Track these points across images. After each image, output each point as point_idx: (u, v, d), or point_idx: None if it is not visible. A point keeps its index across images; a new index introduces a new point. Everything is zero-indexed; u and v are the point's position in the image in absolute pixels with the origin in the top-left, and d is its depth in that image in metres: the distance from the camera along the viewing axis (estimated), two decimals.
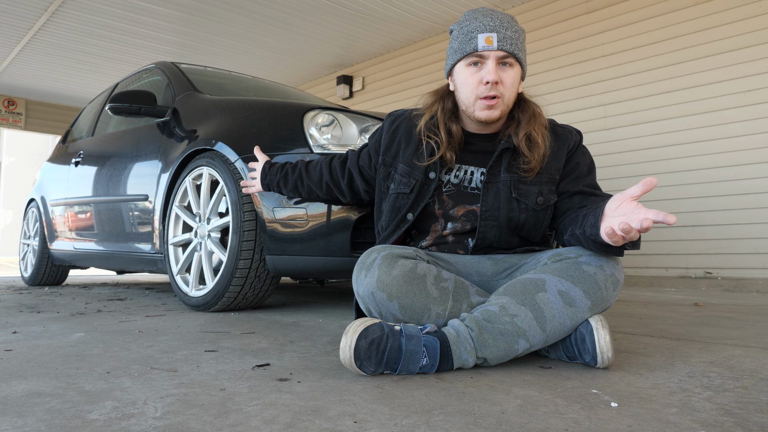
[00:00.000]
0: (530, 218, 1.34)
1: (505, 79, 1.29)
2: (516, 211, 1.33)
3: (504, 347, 1.10)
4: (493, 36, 1.26)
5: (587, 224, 1.16)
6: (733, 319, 2.02)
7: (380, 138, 1.48)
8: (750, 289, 3.54)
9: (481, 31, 1.27)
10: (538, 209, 1.34)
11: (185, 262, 2.27)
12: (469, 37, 1.29)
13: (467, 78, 1.31)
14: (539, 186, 1.34)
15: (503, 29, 1.27)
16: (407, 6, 5.08)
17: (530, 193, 1.33)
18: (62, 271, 3.87)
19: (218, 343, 1.43)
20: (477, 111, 1.31)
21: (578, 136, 1.41)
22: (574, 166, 1.38)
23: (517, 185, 1.33)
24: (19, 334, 1.60)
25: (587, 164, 1.40)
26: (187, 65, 3.08)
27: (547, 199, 1.34)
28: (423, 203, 1.37)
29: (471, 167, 1.39)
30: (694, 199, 3.90)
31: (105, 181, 2.97)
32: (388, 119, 1.50)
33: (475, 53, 1.28)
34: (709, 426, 0.78)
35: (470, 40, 1.28)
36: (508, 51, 1.27)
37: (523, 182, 1.33)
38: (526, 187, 1.33)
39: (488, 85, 1.27)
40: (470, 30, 1.29)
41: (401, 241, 1.47)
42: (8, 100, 8.02)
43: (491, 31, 1.26)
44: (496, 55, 1.27)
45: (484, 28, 1.27)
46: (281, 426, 0.77)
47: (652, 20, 4.16)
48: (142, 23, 5.48)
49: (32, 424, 0.77)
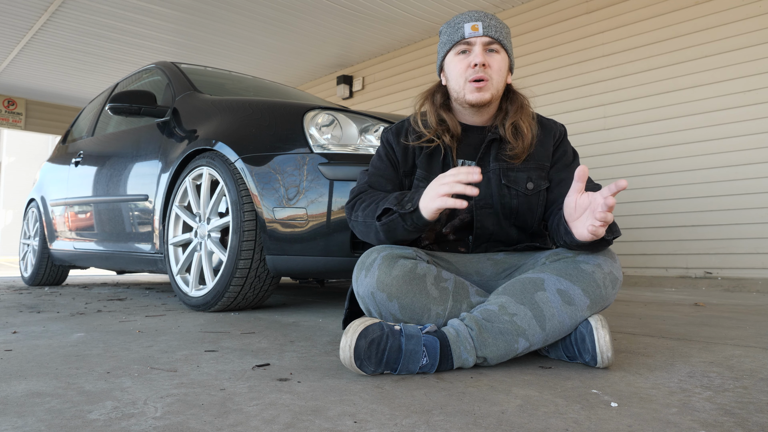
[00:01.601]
0: (522, 204, 1.36)
1: (492, 63, 1.34)
2: (507, 197, 1.36)
3: (504, 346, 1.10)
4: (478, 24, 1.34)
5: (562, 233, 1.20)
6: (733, 319, 2.02)
7: (393, 153, 1.44)
8: (750, 289, 3.54)
9: (467, 21, 1.35)
10: (529, 194, 1.37)
11: (185, 262, 2.27)
12: (456, 28, 1.37)
13: (456, 65, 1.36)
14: (527, 172, 1.38)
15: (488, 19, 1.36)
16: (407, 6, 5.08)
17: (519, 179, 1.37)
18: (62, 271, 3.87)
19: (218, 343, 1.43)
20: (467, 94, 1.34)
21: (563, 128, 1.48)
22: (562, 154, 1.43)
23: (506, 172, 1.37)
24: (19, 334, 1.60)
25: (572, 153, 1.46)
26: (187, 65, 3.08)
27: (537, 185, 1.38)
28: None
29: (468, 161, 1.41)
30: (694, 199, 3.90)
31: (105, 181, 2.97)
32: (390, 134, 1.46)
33: (462, 41, 1.35)
34: (709, 426, 0.78)
35: (457, 30, 1.36)
36: (493, 37, 1.34)
37: (511, 169, 1.37)
38: (515, 173, 1.37)
39: (476, 67, 1.32)
40: (457, 22, 1.37)
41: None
42: (8, 100, 8.02)
43: (476, 20, 1.35)
44: (482, 40, 1.34)
45: (470, 18, 1.36)
46: (281, 426, 0.77)
47: (652, 20, 4.16)
48: (142, 23, 5.48)
49: (32, 424, 0.77)
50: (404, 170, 1.42)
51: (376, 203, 1.28)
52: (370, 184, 1.40)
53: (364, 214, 1.29)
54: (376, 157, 1.47)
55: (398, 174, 1.43)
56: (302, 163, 1.93)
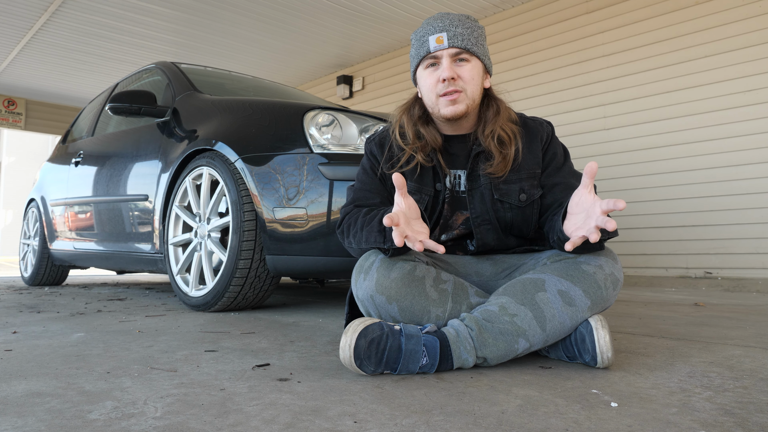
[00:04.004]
0: (516, 216, 1.34)
1: (462, 74, 1.30)
2: (501, 211, 1.34)
3: (504, 347, 1.10)
4: (443, 35, 1.30)
5: (556, 233, 1.18)
6: (733, 319, 2.02)
7: (378, 165, 1.40)
8: (750, 289, 3.54)
9: (431, 33, 1.31)
10: (522, 206, 1.33)
11: (185, 262, 2.27)
12: (422, 41, 1.33)
13: (426, 79, 1.33)
14: (519, 183, 1.34)
15: (453, 27, 1.30)
16: (407, 6, 5.08)
17: (511, 191, 1.33)
18: (62, 271, 3.87)
19: (218, 343, 1.43)
20: (441, 109, 1.31)
21: (549, 127, 1.42)
22: (552, 157, 1.38)
23: (497, 186, 1.33)
24: (19, 334, 1.60)
25: (563, 153, 1.41)
26: (187, 65, 3.08)
27: (530, 195, 1.34)
28: (436, 216, 1.37)
29: (457, 171, 1.38)
30: (694, 199, 3.90)
31: (105, 181, 2.97)
32: (374, 145, 1.43)
33: (429, 55, 1.32)
34: (709, 426, 0.78)
35: (423, 44, 1.32)
36: (459, 47, 1.29)
37: (503, 182, 1.33)
38: (507, 186, 1.33)
39: (445, 82, 1.29)
40: (422, 35, 1.33)
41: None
42: (8, 100, 8.02)
43: (441, 32, 1.30)
44: (449, 52, 1.30)
45: (434, 29, 1.31)
46: (281, 426, 0.77)
47: (652, 20, 4.16)
48: (142, 23, 5.48)
49: (32, 424, 0.77)
50: (392, 183, 1.37)
51: (362, 229, 1.24)
52: (356, 203, 1.35)
53: (356, 240, 1.26)
54: (362, 171, 1.43)
55: (385, 186, 1.39)
56: (302, 163, 1.93)
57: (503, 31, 5.09)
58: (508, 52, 5.04)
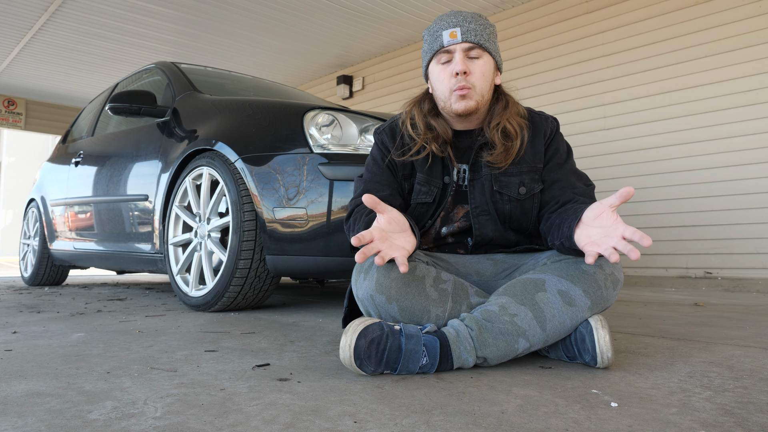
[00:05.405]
0: (515, 209, 1.35)
1: (473, 70, 1.31)
2: (500, 203, 1.35)
3: (504, 347, 1.10)
4: (456, 30, 1.31)
5: (563, 236, 1.17)
6: (733, 319, 2.02)
7: (389, 155, 1.41)
8: (750, 289, 3.54)
9: (445, 28, 1.33)
10: (521, 199, 1.34)
11: (185, 262, 2.27)
12: (435, 36, 1.34)
13: (439, 74, 1.34)
14: (520, 176, 1.35)
15: (467, 23, 1.32)
16: (407, 6, 5.08)
17: (511, 183, 1.34)
18: (62, 271, 3.87)
19: (218, 343, 1.43)
20: (453, 104, 1.32)
21: (555, 122, 1.43)
22: (554, 152, 1.39)
23: (498, 177, 1.35)
24: (19, 334, 1.60)
25: (566, 150, 1.41)
26: (187, 65, 3.08)
27: (530, 188, 1.35)
28: (441, 209, 1.38)
29: (462, 165, 1.40)
30: (694, 199, 3.90)
31: (105, 181, 2.97)
32: (385, 135, 1.43)
33: (442, 50, 1.33)
34: (709, 426, 0.78)
35: (436, 39, 1.34)
36: (472, 42, 1.31)
37: (503, 174, 1.35)
38: (507, 178, 1.35)
39: (458, 76, 1.30)
40: (436, 30, 1.34)
41: None
42: (8, 100, 8.02)
43: (455, 26, 1.32)
44: (462, 47, 1.31)
45: (448, 25, 1.33)
46: (281, 426, 0.77)
47: (652, 20, 4.16)
48: (142, 23, 5.48)
49: (32, 424, 0.77)
50: (403, 173, 1.40)
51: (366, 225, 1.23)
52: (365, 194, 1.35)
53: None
54: (371, 161, 1.43)
55: (396, 177, 1.40)
56: (302, 163, 1.93)
57: (503, 31, 5.09)
58: (509, 52, 5.04)
